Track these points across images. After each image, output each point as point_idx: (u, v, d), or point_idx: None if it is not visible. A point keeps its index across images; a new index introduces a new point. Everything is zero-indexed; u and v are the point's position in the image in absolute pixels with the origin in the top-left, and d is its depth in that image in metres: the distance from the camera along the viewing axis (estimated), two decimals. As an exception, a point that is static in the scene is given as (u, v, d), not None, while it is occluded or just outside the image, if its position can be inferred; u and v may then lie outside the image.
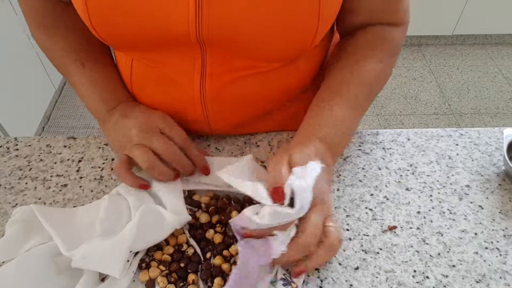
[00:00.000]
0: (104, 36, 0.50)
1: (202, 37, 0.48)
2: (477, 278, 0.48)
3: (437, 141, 0.64)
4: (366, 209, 0.55)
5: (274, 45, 0.50)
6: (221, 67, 0.54)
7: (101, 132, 0.63)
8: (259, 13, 0.46)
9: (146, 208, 0.48)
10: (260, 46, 0.50)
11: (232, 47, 0.50)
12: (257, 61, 0.54)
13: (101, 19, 0.48)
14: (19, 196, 0.57)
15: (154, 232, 0.49)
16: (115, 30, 0.49)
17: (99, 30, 0.49)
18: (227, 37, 0.48)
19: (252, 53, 0.51)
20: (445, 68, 2.40)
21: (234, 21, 0.46)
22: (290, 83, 0.60)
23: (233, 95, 0.57)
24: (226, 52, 0.52)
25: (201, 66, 0.53)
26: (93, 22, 0.48)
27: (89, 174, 0.59)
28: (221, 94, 0.56)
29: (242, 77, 0.55)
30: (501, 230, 0.53)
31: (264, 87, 0.58)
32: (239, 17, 0.46)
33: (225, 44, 0.49)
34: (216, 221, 0.52)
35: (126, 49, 0.55)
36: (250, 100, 0.59)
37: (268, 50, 0.51)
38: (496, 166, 0.60)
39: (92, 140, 0.65)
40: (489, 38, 2.55)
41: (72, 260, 0.45)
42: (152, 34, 0.48)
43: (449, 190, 0.57)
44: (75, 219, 0.52)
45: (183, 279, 0.47)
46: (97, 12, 0.47)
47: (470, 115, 2.12)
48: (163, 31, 0.48)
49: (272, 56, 0.53)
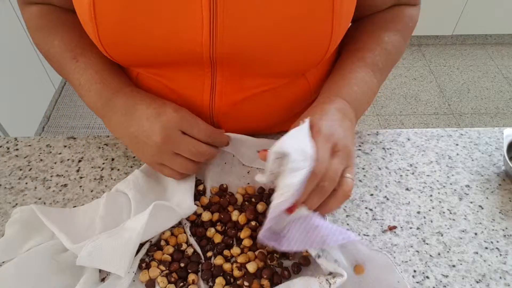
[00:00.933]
0: (113, 55, 0.49)
1: (215, 56, 0.48)
2: (477, 278, 0.48)
3: (437, 141, 0.64)
4: (366, 209, 0.55)
5: (287, 62, 0.49)
6: (231, 86, 0.53)
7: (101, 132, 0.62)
8: (273, 32, 0.45)
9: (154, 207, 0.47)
10: (273, 64, 0.49)
11: (244, 66, 0.50)
12: (268, 78, 0.54)
13: (111, 39, 0.47)
14: (19, 196, 0.57)
15: (160, 224, 0.49)
16: (126, 50, 0.48)
17: (109, 49, 0.48)
18: (240, 56, 0.48)
19: (264, 71, 0.51)
20: (445, 68, 2.40)
21: (248, 41, 0.46)
22: (299, 95, 0.60)
23: (243, 112, 0.57)
24: (237, 71, 0.51)
25: (210, 85, 0.53)
26: (102, 40, 0.47)
27: (89, 174, 0.59)
28: (230, 111, 0.56)
29: (252, 95, 0.55)
30: (501, 230, 0.53)
31: (274, 102, 0.58)
32: (253, 37, 0.45)
33: (238, 63, 0.49)
34: (216, 219, 0.52)
35: (134, 66, 0.54)
36: (259, 116, 0.59)
37: (280, 67, 0.50)
38: (496, 166, 0.60)
39: (92, 140, 0.65)
40: (489, 38, 2.55)
41: (77, 258, 0.45)
42: (164, 54, 0.48)
43: (449, 190, 0.57)
44: (75, 218, 0.52)
45: (183, 279, 0.47)
46: (107, 31, 0.46)
47: (470, 115, 2.12)
48: (176, 51, 0.47)
49: (284, 72, 0.53)
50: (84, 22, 0.47)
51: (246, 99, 0.55)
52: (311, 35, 0.46)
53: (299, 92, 0.59)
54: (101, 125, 2.00)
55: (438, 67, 2.41)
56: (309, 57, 0.49)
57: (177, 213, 0.49)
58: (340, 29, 0.48)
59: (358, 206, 0.55)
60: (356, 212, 0.54)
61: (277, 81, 0.55)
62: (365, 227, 0.53)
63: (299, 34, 0.46)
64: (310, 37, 0.47)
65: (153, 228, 0.48)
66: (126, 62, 0.51)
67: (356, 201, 0.56)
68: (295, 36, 0.46)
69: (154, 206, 0.46)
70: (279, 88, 0.56)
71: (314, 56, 0.49)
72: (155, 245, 0.50)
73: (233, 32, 0.45)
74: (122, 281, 0.45)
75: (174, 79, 0.54)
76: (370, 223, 0.53)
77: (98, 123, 2.01)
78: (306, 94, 0.60)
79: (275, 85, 0.55)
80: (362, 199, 0.56)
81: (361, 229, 0.52)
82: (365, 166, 0.60)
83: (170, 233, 0.51)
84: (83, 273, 0.46)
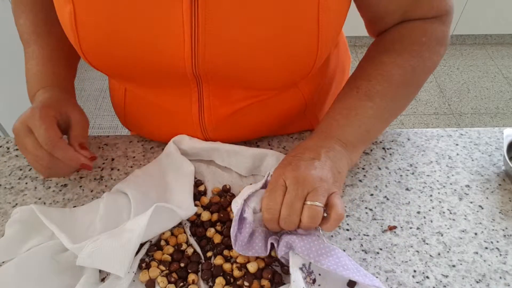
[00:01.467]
0: (94, 64, 0.49)
1: (199, 71, 0.47)
2: (477, 278, 0.48)
3: (437, 141, 0.64)
4: (366, 209, 0.55)
5: (273, 76, 0.49)
6: (219, 99, 0.53)
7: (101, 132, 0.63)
8: (256, 47, 0.45)
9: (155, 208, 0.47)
10: (259, 78, 0.49)
11: (229, 80, 0.49)
12: (255, 91, 0.53)
13: (92, 49, 0.46)
14: (19, 196, 0.57)
15: (160, 225, 0.49)
16: (107, 61, 0.48)
17: (91, 59, 0.48)
18: (224, 70, 0.47)
19: (250, 85, 0.51)
20: (445, 68, 2.39)
21: (231, 56, 0.45)
22: (291, 106, 0.59)
23: (234, 124, 0.57)
24: (223, 85, 0.51)
25: (198, 99, 0.53)
26: (84, 50, 0.46)
27: (89, 174, 0.59)
28: (221, 124, 0.56)
29: (241, 108, 0.55)
30: (501, 230, 0.53)
31: (265, 113, 0.57)
32: (236, 52, 0.45)
33: (222, 77, 0.49)
34: (215, 219, 0.52)
35: (119, 79, 0.54)
36: (251, 126, 0.59)
37: (266, 81, 0.50)
38: (496, 166, 0.60)
39: (92, 140, 0.65)
40: (489, 38, 2.55)
41: (77, 258, 0.45)
42: (146, 67, 0.47)
43: (449, 190, 0.57)
44: (75, 218, 0.52)
45: (183, 279, 0.47)
46: (88, 42, 0.46)
47: (470, 115, 2.12)
48: (158, 65, 0.47)
49: (270, 86, 0.52)
50: (66, 31, 0.47)
51: (236, 112, 0.55)
52: (295, 51, 0.46)
53: (291, 102, 0.59)
54: (101, 125, 2.01)
55: (438, 67, 2.40)
56: (295, 71, 0.49)
57: (178, 214, 0.49)
58: (327, 42, 0.47)
59: (358, 206, 0.55)
60: (356, 212, 0.54)
61: (266, 93, 0.54)
62: (365, 227, 0.53)
63: (283, 50, 0.45)
64: (295, 53, 0.46)
65: (153, 229, 0.48)
66: (109, 72, 0.51)
67: (356, 201, 0.56)
68: (279, 52, 0.45)
69: (155, 208, 0.46)
70: (269, 99, 0.56)
71: (300, 70, 0.49)
72: (155, 245, 0.50)
73: (214, 49, 0.45)
74: (122, 281, 0.45)
75: (161, 96, 0.54)
76: (370, 223, 0.53)
77: (98, 123, 2.01)
78: (299, 103, 0.60)
79: (265, 96, 0.55)
80: (362, 199, 0.56)
81: (361, 229, 0.52)
82: (365, 166, 0.60)
83: (170, 233, 0.51)
84: (83, 273, 0.46)
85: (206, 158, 0.60)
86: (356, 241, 0.51)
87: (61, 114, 0.53)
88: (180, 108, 0.54)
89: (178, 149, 0.58)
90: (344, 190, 0.57)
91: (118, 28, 0.44)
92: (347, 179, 0.58)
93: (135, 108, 0.60)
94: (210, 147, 0.58)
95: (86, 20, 0.44)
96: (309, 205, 0.43)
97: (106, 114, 2.05)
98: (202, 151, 0.58)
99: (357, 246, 0.51)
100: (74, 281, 0.45)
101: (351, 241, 0.51)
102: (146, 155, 0.62)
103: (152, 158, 0.61)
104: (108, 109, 2.08)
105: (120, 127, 1.98)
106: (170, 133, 0.59)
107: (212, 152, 0.59)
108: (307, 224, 0.44)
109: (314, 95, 0.62)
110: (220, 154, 0.58)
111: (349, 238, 0.52)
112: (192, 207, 0.51)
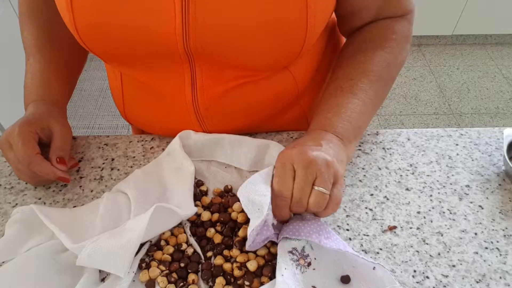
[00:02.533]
0: (91, 47, 0.50)
1: (190, 48, 0.48)
2: (477, 278, 0.48)
3: (437, 141, 0.64)
4: (366, 209, 0.55)
5: (263, 55, 0.49)
6: (211, 79, 0.54)
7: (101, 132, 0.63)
8: (246, 23, 0.46)
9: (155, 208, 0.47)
10: (249, 56, 0.50)
11: (220, 58, 0.50)
12: (247, 71, 0.54)
13: (87, 29, 0.48)
14: (19, 196, 0.57)
15: (160, 225, 0.49)
16: (102, 41, 0.49)
17: (85, 40, 0.49)
18: (215, 47, 0.48)
19: (241, 63, 0.51)
20: (445, 68, 2.39)
21: (221, 31, 0.46)
22: (284, 89, 0.60)
23: (227, 105, 0.57)
24: (215, 64, 0.51)
25: (191, 79, 0.53)
26: (79, 30, 0.48)
27: (89, 174, 0.59)
28: (214, 105, 0.56)
29: (233, 87, 0.55)
30: (501, 230, 0.53)
31: (257, 95, 0.58)
32: (226, 27, 0.46)
33: (214, 55, 0.49)
34: (215, 220, 0.52)
35: (115, 62, 0.54)
36: (244, 109, 0.59)
37: (257, 60, 0.50)
38: (496, 166, 0.60)
39: (92, 140, 0.65)
40: (489, 38, 2.55)
41: (77, 258, 0.45)
42: (140, 45, 0.48)
43: (449, 190, 0.57)
44: (75, 218, 0.52)
45: (183, 279, 0.47)
46: (83, 21, 0.47)
47: (470, 115, 2.12)
48: (151, 42, 0.48)
49: (261, 66, 0.52)
50: (61, 10, 0.48)
51: (228, 92, 0.55)
52: (285, 27, 0.47)
53: (283, 85, 0.59)
54: (101, 125, 2.01)
55: (438, 67, 2.41)
56: (285, 50, 0.50)
57: (178, 215, 0.49)
58: (316, 23, 0.48)
59: (358, 206, 0.55)
60: (356, 212, 0.54)
61: (257, 74, 0.55)
62: (365, 227, 0.53)
63: (273, 26, 0.46)
64: (284, 30, 0.47)
65: (153, 229, 0.48)
66: (104, 55, 0.52)
67: (356, 201, 0.56)
68: (269, 28, 0.46)
69: (156, 208, 0.46)
70: (261, 80, 0.56)
71: (290, 49, 0.50)
72: (155, 245, 0.50)
73: (205, 23, 0.46)
74: (122, 281, 0.45)
75: (155, 78, 0.55)
76: (370, 223, 0.53)
77: (98, 123, 2.01)
78: (291, 87, 0.60)
79: (257, 77, 0.55)
80: (362, 199, 0.56)
81: (361, 229, 0.52)
82: (365, 166, 0.60)
83: (170, 233, 0.51)
84: (83, 273, 0.46)
85: (208, 158, 0.60)
86: (356, 241, 0.51)
87: (42, 129, 0.55)
88: (174, 90, 0.55)
89: (183, 145, 0.58)
90: (344, 190, 0.57)
91: (112, 8, 0.45)
92: (347, 179, 0.58)
93: (132, 95, 0.61)
94: (214, 138, 0.58)
95: (81, 1, 0.46)
96: (316, 190, 0.45)
97: (106, 114, 2.05)
98: (205, 147, 0.59)
99: (357, 246, 0.51)
100: (74, 281, 0.45)
101: (351, 241, 0.51)
102: (146, 155, 0.62)
103: (152, 158, 0.61)
104: (108, 109, 2.08)
105: (120, 127, 1.98)
106: (165, 118, 0.60)
107: (215, 148, 0.59)
108: (312, 209, 0.45)
109: (306, 81, 0.62)
110: (224, 149, 0.59)
111: (349, 238, 0.52)
112: (192, 207, 0.51)
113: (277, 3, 0.45)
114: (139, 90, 0.59)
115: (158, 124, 0.62)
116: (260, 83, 0.56)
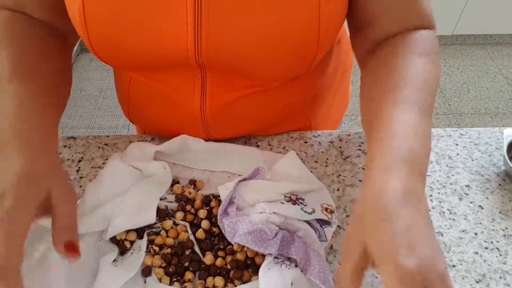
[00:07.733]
0: (103, 58, 0.50)
1: (202, 61, 0.48)
2: (477, 278, 0.48)
3: (437, 141, 0.64)
4: (366, 209, 0.55)
5: (274, 67, 0.49)
6: (221, 87, 0.54)
7: (101, 132, 0.63)
8: (258, 38, 0.45)
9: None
10: (260, 69, 0.49)
11: (231, 69, 0.50)
12: (258, 81, 0.54)
13: (101, 42, 0.47)
14: (19, 196, 0.57)
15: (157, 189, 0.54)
16: (115, 53, 0.48)
17: (99, 52, 0.49)
18: (226, 60, 0.48)
19: (252, 75, 0.51)
20: (445, 68, 2.40)
21: (233, 46, 0.46)
22: (292, 98, 0.60)
23: (234, 113, 0.57)
24: (226, 73, 0.51)
25: (201, 86, 0.53)
26: (93, 43, 0.47)
27: (89, 174, 0.59)
28: (221, 112, 0.56)
29: (242, 96, 0.55)
30: (501, 230, 0.53)
31: (266, 104, 0.58)
32: (238, 42, 0.45)
33: (225, 66, 0.49)
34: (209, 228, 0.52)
35: (126, 70, 0.54)
36: (251, 117, 0.59)
37: (268, 73, 0.50)
38: (496, 166, 0.60)
39: (92, 140, 0.65)
40: (489, 38, 2.55)
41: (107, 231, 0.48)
42: (152, 58, 0.48)
43: (449, 190, 0.57)
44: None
45: (180, 275, 0.48)
46: (96, 35, 0.47)
47: (470, 115, 2.12)
48: (164, 55, 0.48)
49: (272, 77, 0.52)
50: (76, 25, 0.47)
51: (237, 100, 0.55)
52: (297, 40, 0.46)
53: (292, 94, 0.59)
54: (101, 125, 2.01)
55: (438, 67, 2.41)
56: (297, 63, 0.49)
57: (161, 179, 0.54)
58: (328, 35, 0.47)
59: (358, 206, 0.55)
60: (356, 212, 0.54)
61: (269, 84, 0.55)
62: (365, 227, 0.53)
63: (285, 40, 0.46)
64: (296, 43, 0.46)
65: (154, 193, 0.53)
66: (116, 65, 0.52)
67: (356, 201, 0.56)
68: (281, 42, 0.46)
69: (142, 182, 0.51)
70: (270, 90, 0.56)
71: (302, 62, 0.49)
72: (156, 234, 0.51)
73: (217, 38, 0.45)
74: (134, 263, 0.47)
75: (166, 82, 0.54)
76: (370, 223, 0.53)
77: (98, 123, 2.01)
78: (299, 96, 0.60)
79: (266, 87, 0.55)
80: (362, 199, 0.56)
81: (361, 229, 0.52)
82: (365, 166, 0.60)
83: (172, 222, 0.52)
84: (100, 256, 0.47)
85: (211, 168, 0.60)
86: (356, 241, 0.51)
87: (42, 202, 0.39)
88: (183, 95, 0.55)
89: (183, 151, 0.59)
90: (344, 190, 0.57)
91: (125, 20, 0.45)
92: (347, 179, 0.58)
93: (139, 95, 0.61)
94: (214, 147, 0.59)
95: (94, 13, 0.45)
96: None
97: (106, 114, 2.05)
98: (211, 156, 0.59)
99: (357, 246, 0.51)
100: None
101: (351, 241, 0.51)
102: (146, 155, 0.62)
103: (152, 158, 0.61)
104: (108, 109, 2.08)
105: (120, 126, 1.98)
106: (170, 121, 0.59)
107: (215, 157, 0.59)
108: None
109: (313, 90, 0.62)
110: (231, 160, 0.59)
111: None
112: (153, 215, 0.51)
113: (289, 20, 0.44)
114: (146, 91, 0.58)
115: (162, 127, 0.62)
116: (269, 93, 0.56)
